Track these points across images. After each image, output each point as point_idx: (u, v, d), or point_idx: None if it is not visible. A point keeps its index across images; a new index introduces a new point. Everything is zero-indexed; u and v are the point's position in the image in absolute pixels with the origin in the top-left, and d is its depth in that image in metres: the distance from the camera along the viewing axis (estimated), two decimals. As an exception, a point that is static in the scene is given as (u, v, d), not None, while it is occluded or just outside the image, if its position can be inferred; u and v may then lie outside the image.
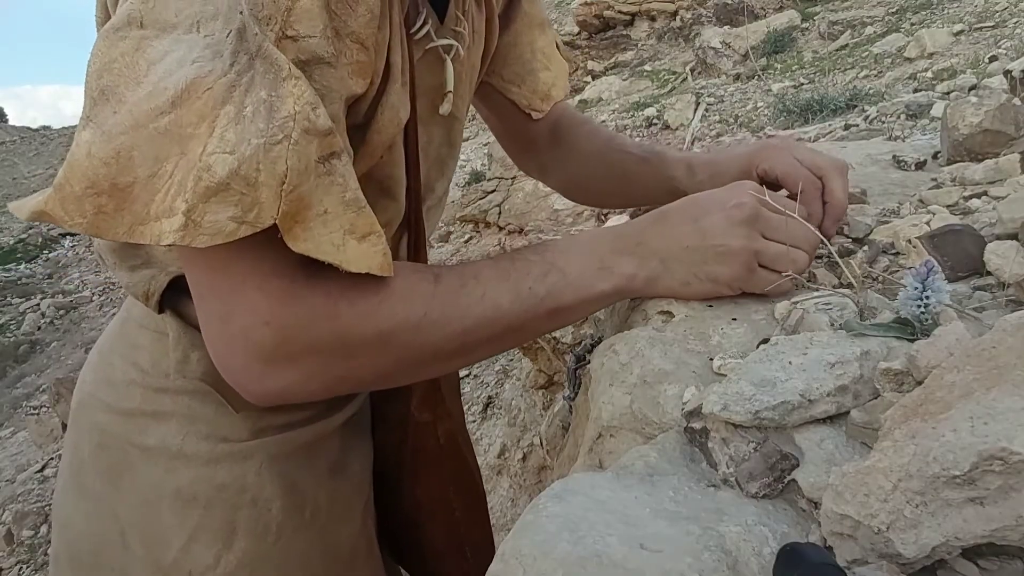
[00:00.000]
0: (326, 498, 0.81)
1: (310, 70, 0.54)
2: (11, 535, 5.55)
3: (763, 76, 6.42)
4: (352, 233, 0.55)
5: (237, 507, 0.76)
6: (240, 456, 0.76)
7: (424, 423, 0.86)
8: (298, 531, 0.79)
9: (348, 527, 0.85)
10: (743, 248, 0.64)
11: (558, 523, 0.41)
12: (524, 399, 3.66)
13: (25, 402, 9.14)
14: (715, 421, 0.47)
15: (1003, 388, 0.36)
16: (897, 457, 0.36)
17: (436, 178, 0.84)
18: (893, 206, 0.84)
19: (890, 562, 0.37)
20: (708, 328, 0.62)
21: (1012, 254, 0.59)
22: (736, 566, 0.39)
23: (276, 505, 0.77)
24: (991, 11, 5.40)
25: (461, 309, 0.63)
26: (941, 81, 4.25)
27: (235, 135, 0.50)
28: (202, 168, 0.49)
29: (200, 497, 0.75)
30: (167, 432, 0.75)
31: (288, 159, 0.50)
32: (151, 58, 0.51)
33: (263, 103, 0.50)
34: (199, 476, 0.75)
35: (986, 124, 0.93)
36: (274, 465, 0.77)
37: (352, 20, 0.57)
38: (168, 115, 0.50)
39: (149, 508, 0.75)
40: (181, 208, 0.49)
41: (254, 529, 0.76)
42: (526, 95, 0.99)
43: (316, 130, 0.52)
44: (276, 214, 0.51)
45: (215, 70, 0.50)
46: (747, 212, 0.64)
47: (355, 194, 0.55)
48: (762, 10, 8.12)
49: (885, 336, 0.50)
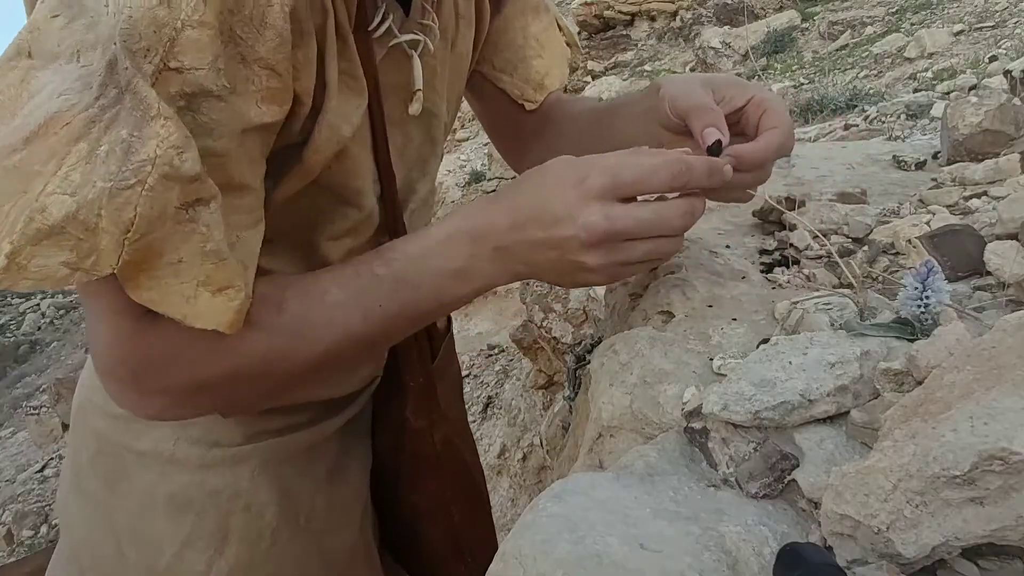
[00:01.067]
0: (323, 504, 0.80)
1: (197, 103, 0.51)
2: (11, 535, 5.55)
3: (763, 76, 6.42)
4: (207, 285, 0.53)
5: (230, 513, 0.75)
6: (233, 461, 0.75)
7: (420, 429, 0.84)
8: (293, 537, 0.78)
9: (345, 533, 0.84)
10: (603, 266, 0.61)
11: (558, 523, 0.41)
12: (524, 399, 3.66)
13: (25, 402, 9.14)
14: (715, 421, 0.47)
15: (1003, 388, 0.36)
16: (897, 457, 0.36)
17: (418, 178, 0.80)
18: (893, 206, 0.84)
19: (890, 562, 0.37)
20: (708, 328, 0.62)
21: (1012, 254, 0.59)
22: (736, 566, 0.39)
23: (270, 511, 0.76)
24: (991, 11, 5.40)
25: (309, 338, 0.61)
26: (941, 81, 4.25)
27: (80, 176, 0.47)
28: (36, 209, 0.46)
29: (193, 503, 0.74)
30: (160, 437, 0.74)
31: (138, 206, 0.47)
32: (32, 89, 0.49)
33: (121, 143, 0.47)
34: (192, 481, 0.74)
35: (986, 124, 0.93)
36: (268, 470, 0.76)
37: (260, 45, 0.53)
38: (20, 152, 0.47)
39: (143, 514, 0.75)
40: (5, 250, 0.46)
41: (247, 535, 0.75)
42: (518, 84, 0.92)
43: (179, 176, 0.49)
44: (116, 263, 0.48)
45: (79, 103, 0.47)
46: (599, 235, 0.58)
47: (218, 245, 0.52)
48: (762, 10, 8.12)
49: (885, 336, 0.50)
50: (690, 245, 0.81)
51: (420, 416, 0.84)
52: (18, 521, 5.63)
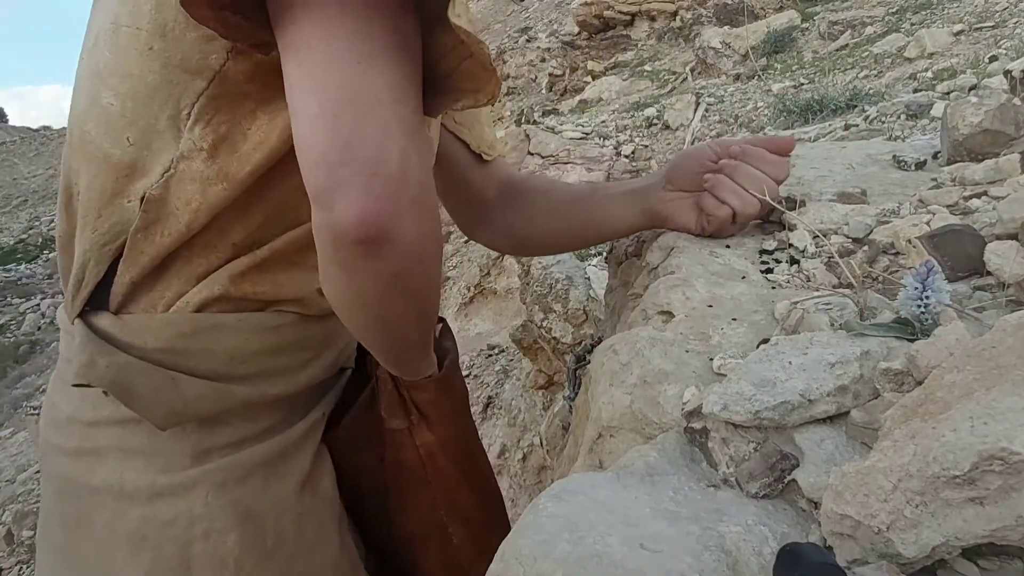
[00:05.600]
0: (291, 523, 0.75)
1: None
2: (11, 535, 5.55)
3: (763, 76, 6.42)
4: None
5: (188, 543, 0.71)
6: (182, 488, 0.71)
7: (397, 431, 0.79)
8: (261, 563, 0.73)
9: (322, 553, 0.78)
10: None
11: (558, 523, 0.41)
12: (524, 399, 3.65)
13: (25, 402, 9.13)
14: (715, 421, 0.47)
15: (1003, 388, 0.36)
16: (897, 457, 0.36)
17: None
18: (893, 206, 0.84)
19: (890, 562, 0.37)
20: (708, 328, 0.62)
21: (1012, 254, 0.59)
22: (736, 566, 0.39)
23: (231, 537, 0.72)
24: (991, 11, 5.39)
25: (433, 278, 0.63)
26: (941, 81, 4.25)
27: None
28: None
29: (149, 537, 0.70)
30: (107, 470, 0.71)
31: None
32: None
33: None
34: (144, 515, 0.70)
35: (986, 124, 0.93)
36: (224, 492, 0.71)
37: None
38: None
39: (106, 554, 0.72)
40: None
41: (210, 565, 0.71)
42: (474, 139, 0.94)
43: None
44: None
45: None
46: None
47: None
48: (762, 10, 8.12)
49: (885, 336, 0.50)
50: (690, 245, 0.81)
51: (394, 415, 0.78)
52: (18, 521, 5.63)
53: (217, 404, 0.72)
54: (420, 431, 0.79)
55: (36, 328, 11.89)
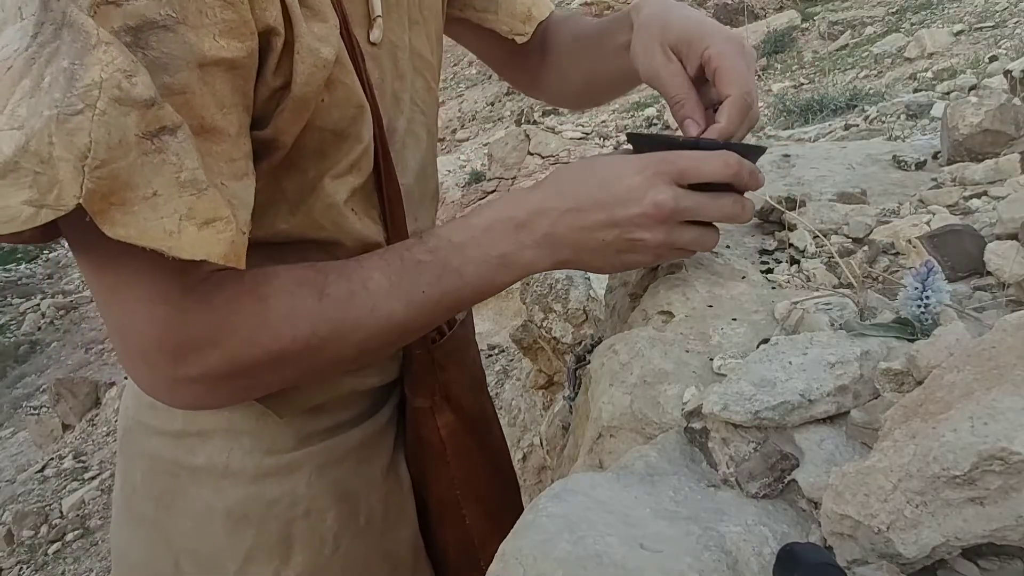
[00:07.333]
0: (380, 502, 0.79)
1: (144, 38, 0.49)
2: (11, 535, 5.55)
3: (763, 76, 6.42)
4: (191, 218, 0.50)
5: (291, 521, 0.74)
6: (288, 468, 0.74)
7: (420, 409, 0.81)
8: (355, 539, 0.77)
9: (404, 530, 0.82)
10: (660, 243, 0.64)
11: (558, 523, 0.41)
12: (524, 399, 3.66)
13: (25, 402, 9.13)
14: (715, 421, 0.47)
15: (1003, 388, 0.36)
16: (897, 457, 0.36)
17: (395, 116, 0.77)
18: (893, 206, 0.84)
19: (890, 562, 0.37)
20: (708, 328, 0.62)
21: (1012, 254, 0.59)
22: (736, 566, 0.39)
23: (330, 515, 0.75)
24: (991, 11, 5.40)
25: (351, 323, 0.61)
26: (941, 81, 4.25)
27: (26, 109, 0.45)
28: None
29: (251, 515, 0.73)
30: (212, 450, 0.73)
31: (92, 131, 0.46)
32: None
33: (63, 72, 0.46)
34: (248, 494, 0.73)
35: (986, 124, 0.93)
36: (324, 474, 0.75)
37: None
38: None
39: (202, 531, 0.73)
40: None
41: (310, 542, 0.74)
42: (504, 20, 0.90)
43: (130, 100, 0.47)
44: (79, 193, 0.46)
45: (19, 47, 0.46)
46: (666, 212, 0.62)
47: (193, 174, 0.50)
48: (762, 10, 8.12)
49: (885, 336, 0.50)
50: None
51: (419, 393, 0.81)
52: (18, 521, 5.63)
53: (327, 393, 0.74)
54: (442, 412, 0.82)
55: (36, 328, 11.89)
